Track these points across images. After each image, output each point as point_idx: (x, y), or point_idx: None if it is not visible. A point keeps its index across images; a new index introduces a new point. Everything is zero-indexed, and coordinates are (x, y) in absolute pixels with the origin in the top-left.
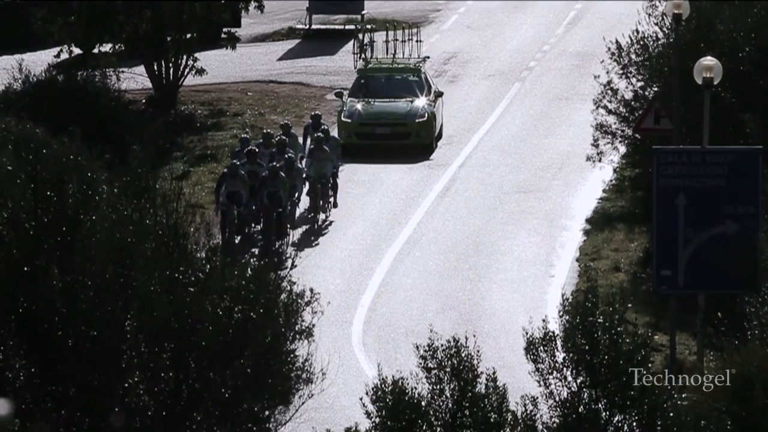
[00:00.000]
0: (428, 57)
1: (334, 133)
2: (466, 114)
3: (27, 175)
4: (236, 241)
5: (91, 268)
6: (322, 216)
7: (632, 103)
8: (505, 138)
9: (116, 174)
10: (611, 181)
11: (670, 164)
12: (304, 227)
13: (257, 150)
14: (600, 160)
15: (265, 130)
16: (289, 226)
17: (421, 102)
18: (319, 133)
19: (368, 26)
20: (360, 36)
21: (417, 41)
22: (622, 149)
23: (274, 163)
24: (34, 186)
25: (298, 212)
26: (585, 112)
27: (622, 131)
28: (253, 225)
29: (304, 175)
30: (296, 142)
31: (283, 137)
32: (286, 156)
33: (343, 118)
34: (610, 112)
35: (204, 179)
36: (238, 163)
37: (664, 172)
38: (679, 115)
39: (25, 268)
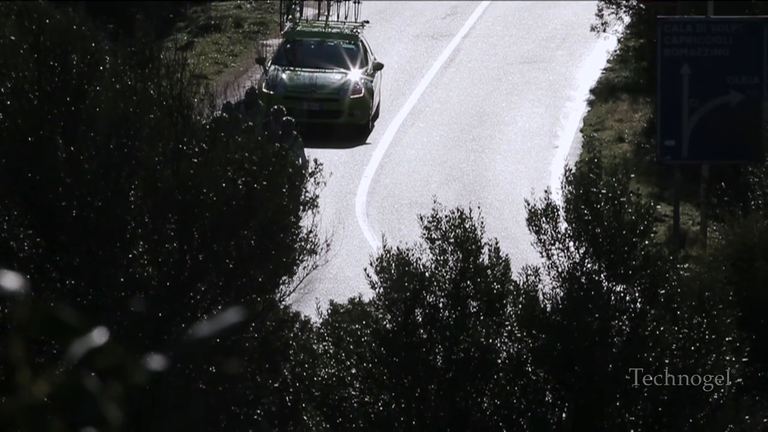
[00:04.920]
0: (368, 22)
1: None
2: None
3: (30, 46)
4: None
5: (95, 138)
6: None
7: None
8: (509, 8)
9: (120, 44)
10: (615, 51)
11: (675, 34)
12: None
13: None
14: (604, 30)
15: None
16: None
17: (356, 75)
18: (288, 117)
19: None
20: None
21: (355, 2)
22: (627, 19)
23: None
24: (37, 56)
25: None
26: None
27: (627, 1)
28: None
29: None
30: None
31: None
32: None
33: (264, 90)
34: None
35: (208, 50)
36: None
37: (669, 43)
38: None
39: (30, 139)
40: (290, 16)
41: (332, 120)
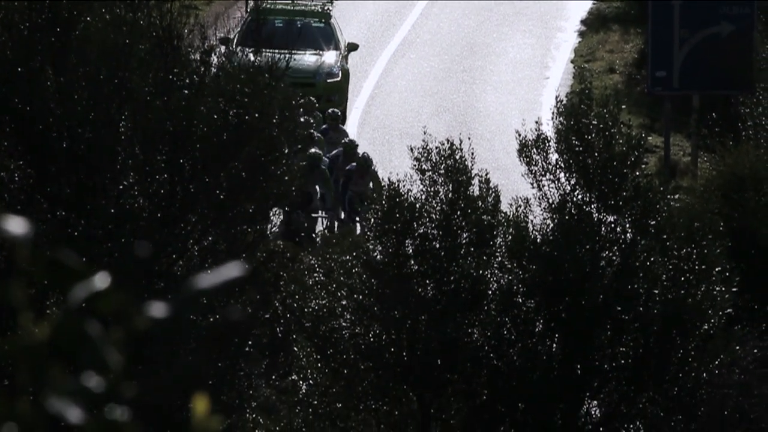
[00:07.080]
0: None
1: None
2: None
3: None
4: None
5: (85, 69)
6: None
7: None
8: None
9: None
10: None
11: None
12: None
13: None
14: None
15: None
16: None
17: (332, 57)
18: (334, 110)
19: None
20: None
21: None
22: None
23: (364, 153)
24: None
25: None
26: None
27: None
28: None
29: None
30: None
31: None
32: (363, 156)
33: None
34: None
35: None
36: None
37: None
38: None
39: (20, 70)
40: None
41: None
